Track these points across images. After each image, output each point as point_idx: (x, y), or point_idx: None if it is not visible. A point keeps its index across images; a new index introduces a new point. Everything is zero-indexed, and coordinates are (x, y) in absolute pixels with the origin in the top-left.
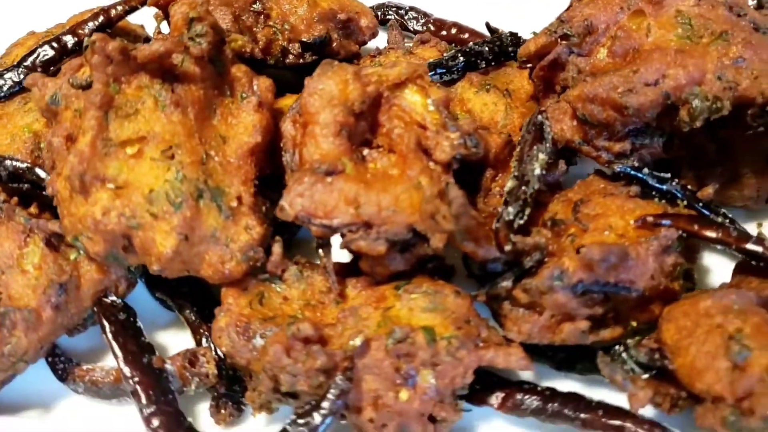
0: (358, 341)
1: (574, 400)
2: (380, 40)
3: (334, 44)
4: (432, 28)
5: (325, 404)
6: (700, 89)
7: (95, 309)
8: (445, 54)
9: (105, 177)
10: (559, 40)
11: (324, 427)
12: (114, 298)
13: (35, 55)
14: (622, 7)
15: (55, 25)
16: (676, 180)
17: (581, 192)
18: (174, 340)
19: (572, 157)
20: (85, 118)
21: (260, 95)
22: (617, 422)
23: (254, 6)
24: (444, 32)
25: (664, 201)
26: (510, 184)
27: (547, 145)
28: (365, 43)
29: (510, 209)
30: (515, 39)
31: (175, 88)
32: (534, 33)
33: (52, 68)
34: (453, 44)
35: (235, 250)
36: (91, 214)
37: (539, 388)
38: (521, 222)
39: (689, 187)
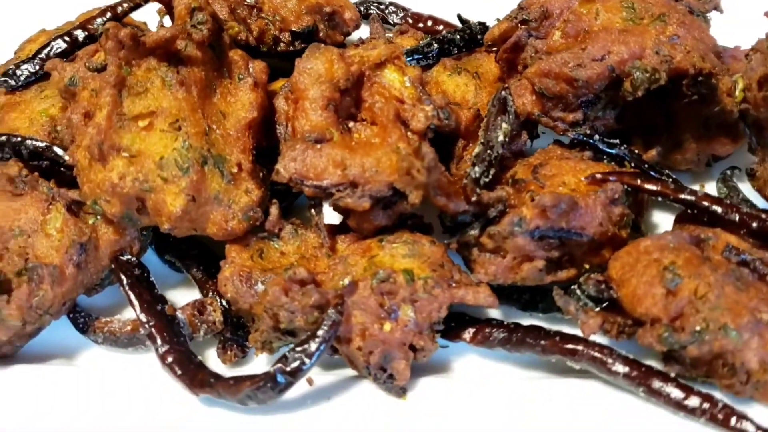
0: (347, 281)
1: (535, 330)
2: (363, 33)
3: (321, 34)
4: (410, 21)
5: (319, 333)
6: (640, 63)
7: (113, 265)
8: (421, 42)
9: (120, 146)
10: (519, 24)
11: (318, 353)
12: (129, 256)
13: (49, 48)
14: None
15: (65, 23)
16: (625, 146)
17: (540, 158)
18: (182, 298)
19: (534, 131)
20: (101, 96)
21: (255, 76)
22: (572, 346)
23: (247, 0)
24: (421, 24)
25: (613, 163)
26: (477, 149)
27: (510, 117)
28: (349, 34)
29: (477, 168)
30: (483, 28)
31: (180, 70)
32: (497, 20)
33: (64, 60)
34: (428, 35)
35: (236, 210)
36: (109, 179)
37: (505, 323)
38: (486, 180)
39: (636, 151)
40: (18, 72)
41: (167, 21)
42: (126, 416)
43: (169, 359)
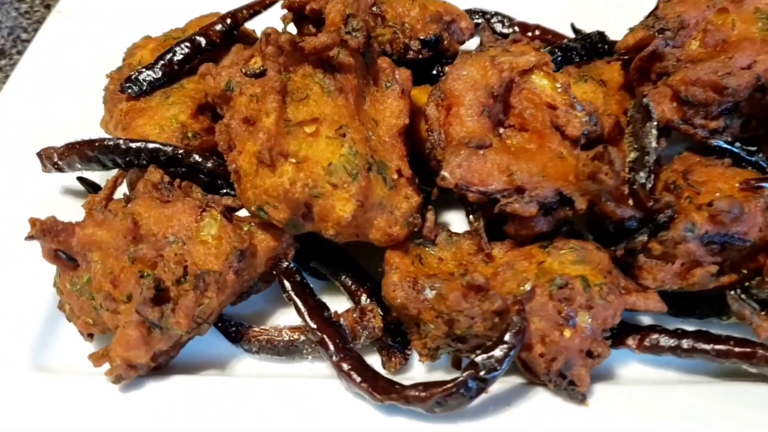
0: (527, 287)
1: (704, 335)
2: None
3: (445, 42)
4: (517, 29)
5: (507, 338)
6: None
7: (273, 272)
8: (541, 50)
9: (288, 152)
10: (656, 34)
11: (508, 359)
12: (287, 263)
13: (171, 54)
14: (708, 5)
15: (173, 29)
16: (761, 153)
17: (683, 164)
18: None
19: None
20: (267, 101)
21: (402, 84)
22: (748, 349)
23: (373, 9)
24: (529, 33)
25: (753, 170)
26: (633, 155)
27: (655, 122)
28: (464, 42)
29: (641, 174)
30: (602, 37)
31: (335, 77)
32: (630, 29)
33: (187, 65)
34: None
35: (398, 216)
36: (280, 185)
37: (669, 329)
38: (650, 185)
39: None
40: (141, 78)
41: (291, 28)
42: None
43: (346, 366)
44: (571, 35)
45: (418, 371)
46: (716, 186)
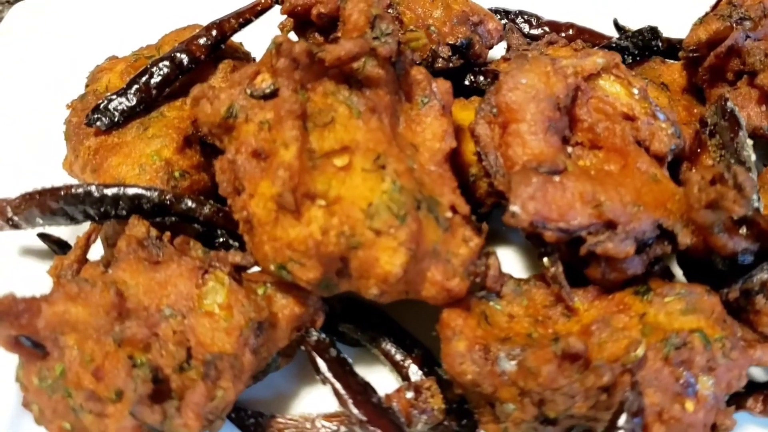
0: (640, 352)
1: None
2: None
3: (476, 47)
4: (547, 30)
5: (622, 423)
6: None
7: (304, 346)
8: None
9: (315, 193)
10: (734, 25)
11: None
12: (318, 334)
13: (147, 76)
14: None
15: (144, 47)
16: None
17: None
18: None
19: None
20: (284, 129)
21: (442, 99)
22: None
23: (389, 11)
24: (562, 33)
25: None
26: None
27: (745, 131)
28: (492, 47)
29: (755, 197)
30: (655, 34)
31: (364, 93)
32: (699, 21)
33: (167, 89)
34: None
35: (457, 264)
36: (309, 235)
37: None
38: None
39: None
40: (111, 107)
41: (292, 36)
42: None
43: None
44: (607, 33)
45: None
46: None
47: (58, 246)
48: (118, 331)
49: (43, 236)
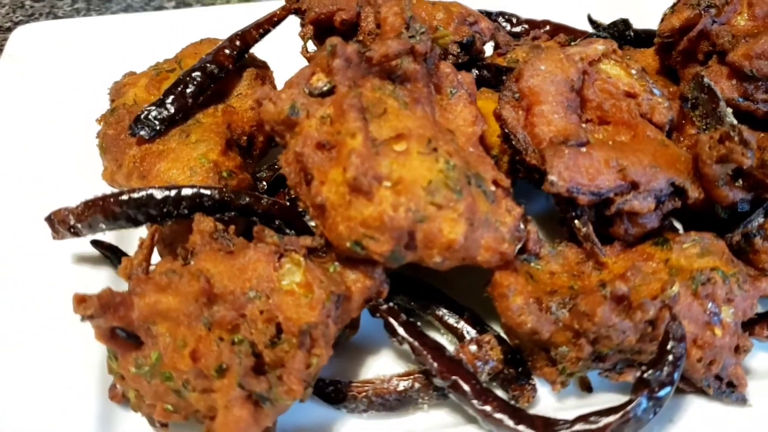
0: (675, 288)
1: None
2: None
3: (478, 44)
4: (527, 27)
5: (671, 347)
6: None
7: (378, 314)
8: (571, 44)
9: (381, 175)
10: (702, 12)
11: (678, 371)
12: (386, 303)
13: (182, 86)
14: None
15: (163, 61)
16: None
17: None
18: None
19: None
20: (348, 121)
21: (468, 89)
22: None
23: None
24: (540, 29)
25: None
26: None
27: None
28: (485, 44)
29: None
30: (627, 25)
31: (406, 87)
32: (669, 10)
33: (201, 97)
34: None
35: (504, 231)
36: (383, 212)
37: None
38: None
39: None
40: (151, 117)
41: (310, 46)
42: None
43: (492, 409)
44: (580, 28)
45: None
46: None
47: (110, 251)
48: (208, 316)
49: (96, 243)
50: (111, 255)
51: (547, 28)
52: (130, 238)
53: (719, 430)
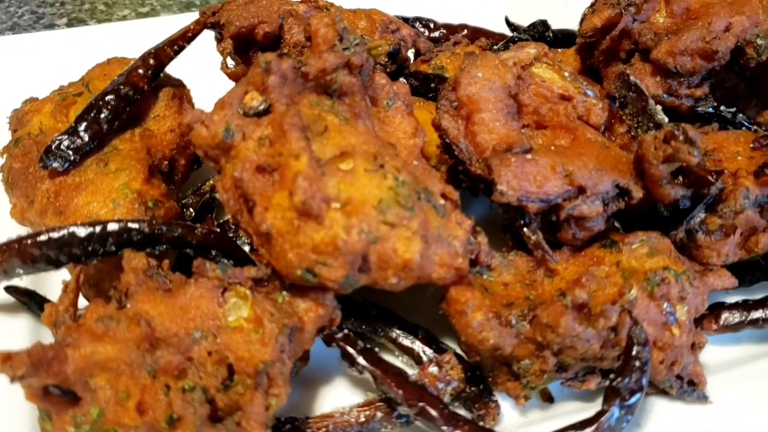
0: (633, 292)
1: None
2: None
3: (404, 51)
4: (444, 32)
5: (636, 352)
6: (759, 30)
7: (334, 343)
8: (494, 48)
9: (329, 197)
10: (622, 11)
11: (645, 376)
12: (340, 331)
13: (94, 112)
14: None
15: (68, 85)
16: (741, 113)
17: None
18: None
19: None
20: (289, 141)
21: (404, 99)
22: None
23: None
24: (459, 34)
25: (744, 129)
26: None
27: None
28: (408, 51)
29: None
30: (546, 26)
31: (344, 101)
32: (589, 10)
33: (116, 122)
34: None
35: (457, 245)
36: (335, 236)
37: (737, 303)
38: None
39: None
40: (63, 146)
41: (229, 61)
42: None
43: None
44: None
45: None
46: (731, 150)
47: (28, 297)
48: (151, 362)
49: (11, 289)
50: (29, 301)
51: (465, 32)
52: (47, 281)
53: (685, 429)
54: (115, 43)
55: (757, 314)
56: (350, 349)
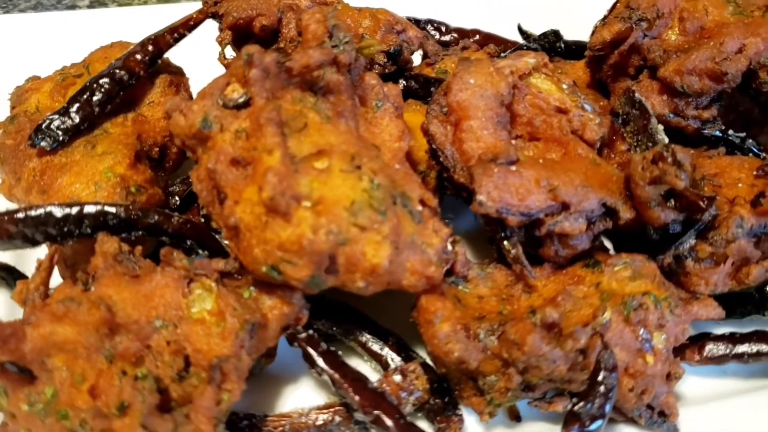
0: (607, 315)
1: (764, 335)
2: None
3: (406, 53)
4: (456, 36)
5: (602, 378)
6: None
7: (296, 343)
8: (501, 55)
9: (300, 195)
10: (633, 25)
11: (609, 403)
12: (304, 332)
13: (88, 94)
14: None
15: (70, 66)
16: (750, 139)
17: None
18: None
19: None
20: (265, 136)
21: (394, 101)
22: None
23: None
24: (470, 39)
25: (751, 155)
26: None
27: (654, 117)
28: (413, 53)
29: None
30: (558, 36)
31: (328, 99)
32: (600, 23)
33: (109, 106)
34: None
35: (431, 254)
36: (301, 235)
37: (724, 335)
38: None
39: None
40: (54, 126)
41: (228, 51)
42: None
43: None
44: (511, 38)
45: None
46: (733, 176)
47: (6, 272)
48: (109, 347)
49: None
50: (7, 276)
51: (477, 37)
52: (30, 257)
53: None
54: (129, 27)
55: (742, 348)
56: (311, 350)
